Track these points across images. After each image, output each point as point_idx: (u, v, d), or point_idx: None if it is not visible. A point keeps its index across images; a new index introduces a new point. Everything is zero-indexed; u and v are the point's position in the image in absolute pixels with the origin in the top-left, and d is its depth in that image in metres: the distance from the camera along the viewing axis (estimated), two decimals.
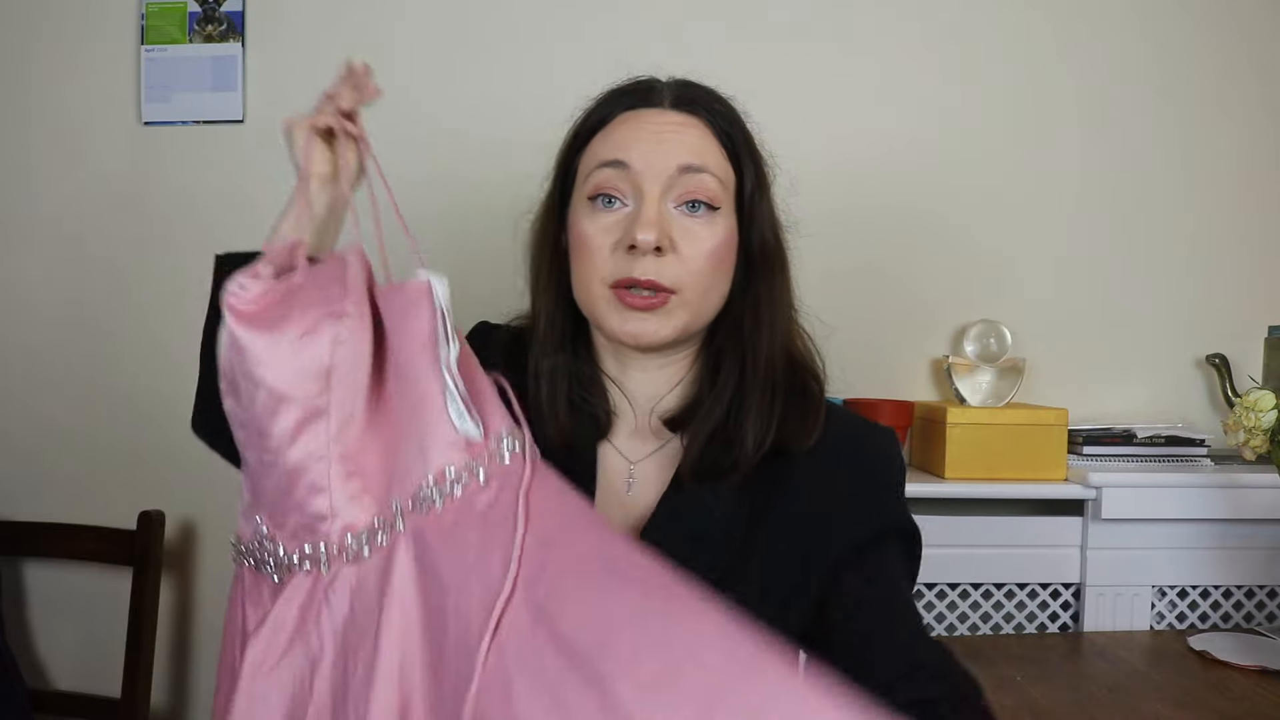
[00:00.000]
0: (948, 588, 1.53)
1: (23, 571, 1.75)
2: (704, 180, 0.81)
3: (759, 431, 0.82)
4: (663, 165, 0.80)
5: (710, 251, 0.81)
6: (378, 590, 0.63)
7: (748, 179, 0.85)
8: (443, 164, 1.71)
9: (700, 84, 0.87)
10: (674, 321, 0.82)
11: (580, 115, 0.88)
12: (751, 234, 0.85)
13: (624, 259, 0.80)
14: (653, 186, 0.80)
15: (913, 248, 1.72)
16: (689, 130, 0.83)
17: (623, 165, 0.81)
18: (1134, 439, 1.58)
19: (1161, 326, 1.73)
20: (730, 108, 0.87)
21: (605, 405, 0.88)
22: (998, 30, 1.72)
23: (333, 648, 0.64)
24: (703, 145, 0.82)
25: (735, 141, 0.85)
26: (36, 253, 1.74)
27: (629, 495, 0.86)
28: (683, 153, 0.81)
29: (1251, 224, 1.74)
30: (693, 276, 0.81)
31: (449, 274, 0.69)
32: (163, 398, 1.73)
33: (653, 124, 0.82)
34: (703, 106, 0.84)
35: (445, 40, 1.72)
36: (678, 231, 0.81)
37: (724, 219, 0.83)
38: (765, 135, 0.89)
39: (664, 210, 0.81)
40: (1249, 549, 1.51)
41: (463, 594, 0.59)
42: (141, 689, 1.56)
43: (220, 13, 1.71)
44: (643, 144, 0.81)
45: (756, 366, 0.84)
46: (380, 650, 0.60)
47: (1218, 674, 1.27)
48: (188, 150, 1.73)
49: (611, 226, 0.81)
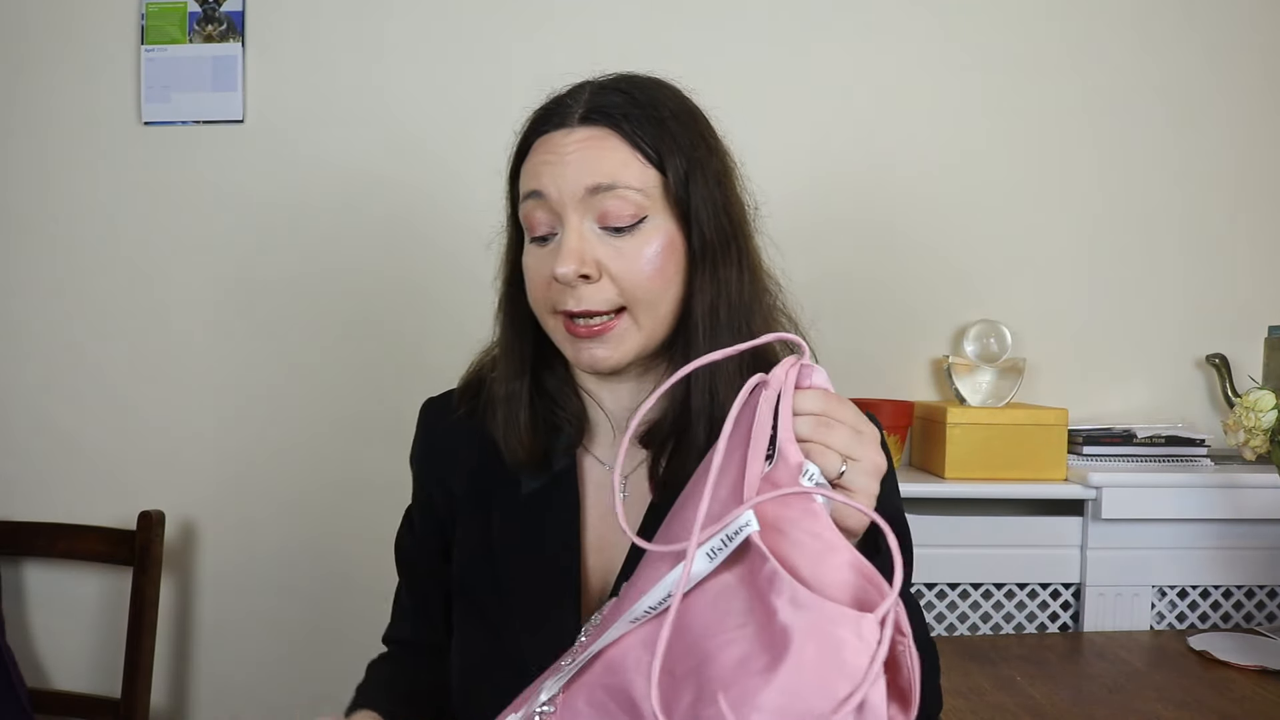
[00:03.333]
0: (948, 588, 1.53)
1: (23, 571, 1.75)
2: (617, 198, 0.78)
3: (703, 447, 0.79)
4: (571, 189, 0.78)
5: (645, 265, 0.78)
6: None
7: (672, 174, 0.80)
8: (444, 164, 1.71)
9: (621, 81, 0.83)
10: (627, 343, 0.80)
11: (515, 141, 0.86)
12: (692, 230, 0.81)
13: (558, 291, 0.79)
14: (569, 214, 0.78)
15: (913, 248, 1.72)
16: (596, 145, 0.79)
17: (539, 195, 0.79)
18: (1134, 439, 1.58)
19: (1161, 326, 1.73)
20: (654, 98, 0.82)
21: (579, 419, 0.87)
22: (998, 31, 1.72)
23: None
24: (611, 159, 0.78)
25: (652, 139, 0.80)
26: (36, 252, 1.74)
27: (620, 508, 0.86)
28: (588, 173, 0.78)
29: (1251, 224, 1.74)
30: (634, 294, 0.78)
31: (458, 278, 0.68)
32: (163, 398, 1.74)
33: (559, 147, 0.79)
34: (611, 114, 0.80)
35: (445, 40, 1.72)
36: (605, 253, 0.78)
37: (656, 224, 0.79)
38: (765, 136, 0.87)
39: (585, 235, 0.78)
40: (1249, 549, 1.51)
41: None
42: (141, 689, 1.56)
43: (220, 13, 1.71)
44: (551, 169, 0.79)
45: (697, 376, 0.80)
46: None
47: (1218, 674, 1.27)
48: (188, 150, 1.73)
49: (545, 257, 0.80)
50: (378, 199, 1.72)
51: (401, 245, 1.72)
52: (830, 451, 0.62)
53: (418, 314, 1.71)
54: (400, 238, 1.72)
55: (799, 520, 0.58)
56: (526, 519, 0.86)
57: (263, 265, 1.73)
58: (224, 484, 1.73)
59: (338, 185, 1.72)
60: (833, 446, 0.62)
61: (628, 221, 0.78)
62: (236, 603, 1.73)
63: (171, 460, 1.73)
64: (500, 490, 0.88)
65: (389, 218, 1.72)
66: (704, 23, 1.70)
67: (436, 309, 1.70)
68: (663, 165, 0.80)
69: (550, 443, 0.87)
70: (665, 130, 0.81)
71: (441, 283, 1.69)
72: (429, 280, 1.70)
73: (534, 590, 0.84)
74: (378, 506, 1.34)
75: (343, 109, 1.72)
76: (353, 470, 1.71)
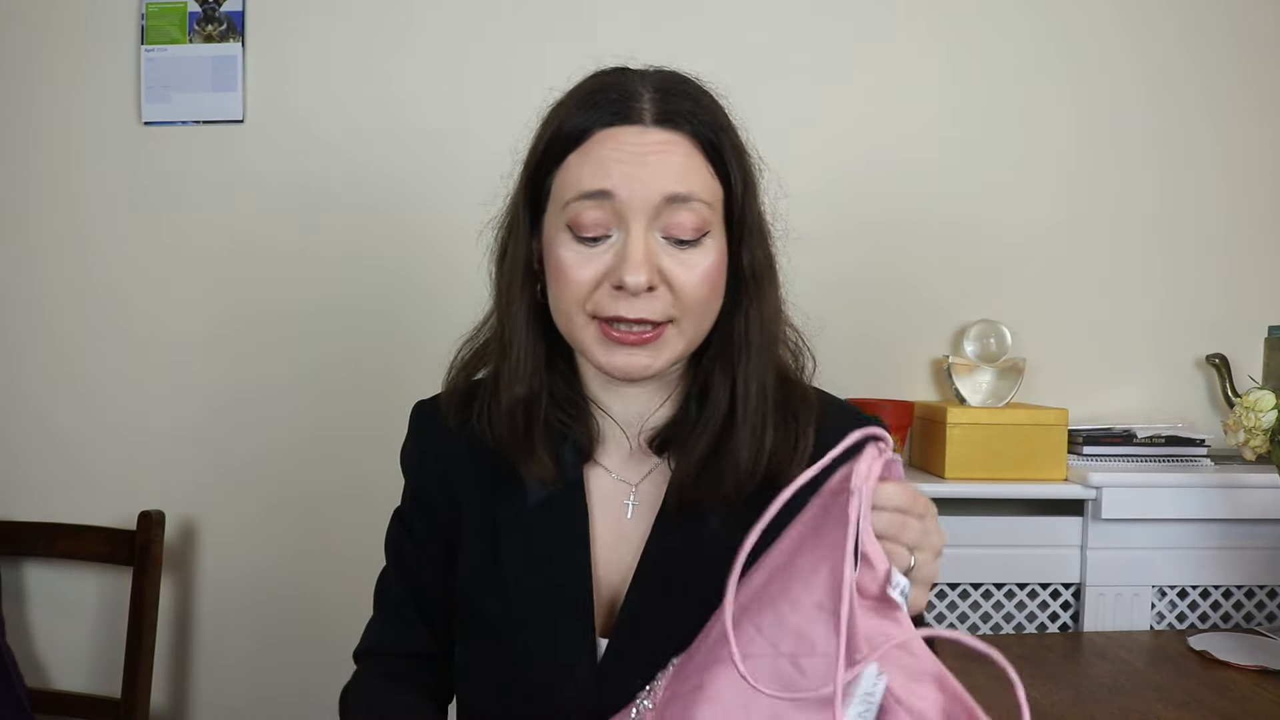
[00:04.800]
0: (948, 588, 1.53)
1: (23, 571, 1.75)
2: (691, 211, 0.75)
3: (749, 463, 0.79)
4: (647, 195, 0.74)
5: (702, 279, 0.77)
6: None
7: (735, 189, 0.79)
8: (446, 164, 1.71)
9: (680, 82, 0.80)
10: (668, 353, 0.78)
11: (549, 119, 0.81)
12: (742, 251, 0.80)
13: (611, 296, 0.76)
14: (638, 219, 0.75)
15: (913, 248, 1.72)
16: (673, 151, 0.76)
17: (606, 195, 0.74)
18: (1134, 439, 1.58)
19: (1161, 326, 1.73)
20: (714, 105, 0.80)
21: (588, 429, 0.84)
22: (998, 32, 1.72)
23: None
24: (688, 166, 0.76)
25: (721, 150, 0.78)
26: (36, 252, 1.74)
27: (629, 520, 0.84)
28: (668, 179, 0.75)
29: (1251, 224, 1.74)
30: (687, 307, 0.77)
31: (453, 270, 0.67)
32: (163, 398, 1.74)
33: (634, 146, 0.75)
34: (685, 117, 0.77)
35: (446, 40, 1.72)
36: (667, 263, 0.76)
37: (714, 240, 0.78)
38: (764, 138, 0.86)
39: (651, 243, 0.75)
40: (1249, 549, 1.51)
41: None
42: (141, 689, 1.55)
43: (220, 13, 1.71)
44: (625, 169, 0.74)
45: (748, 395, 0.80)
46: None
47: (1218, 674, 1.27)
48: (188, 150, 1.73)
49: (594, 258, 0.76)
50: (378, 199, 1.72)
51: (402, 245, 1.72)
52: (901, 548, 0.61)
53: (419, 314, 1.71)
54: (401, 238, 1.72)
55: (890, 632, 0.57)
56: (535, 531, 0.83)
57: (262, 265, 1.73)
58: (224, 484, 1.73)
59: (338, 185, 1.72)
60: (905, 542, 0.61)
61: (693, 235, 0.76)
62: (236, 603, 1.73)
63: (171, 460, 1.73)
64: (505, 500, 0.85)
65: (390, 218, 1.72)
66: (704, 23, 1.70)
67: (437, 309, 1.70)
68: (728, 179, 0.79)
69: (557, 452, 0.83)
70: (728, 142, 0.79)
71: (442, 283, 1.69)
72: (429, 280, 1.70)
73: (544, 604, 0.81)
74: (378, 506, 1.33)
75: (343, 109, 1.72)
76: (353, 470, 1.71)
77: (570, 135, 0.77)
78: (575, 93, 0.80)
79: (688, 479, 0.80)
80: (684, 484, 0.81)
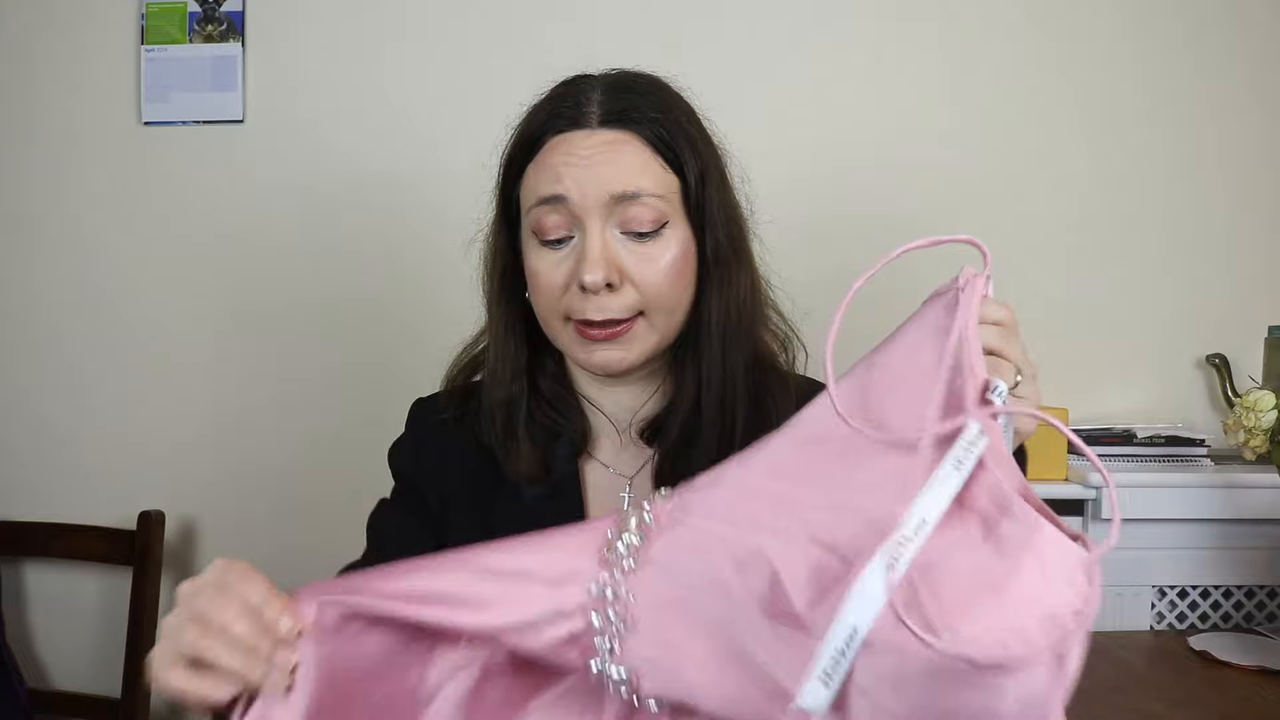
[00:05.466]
0: None
1: (23, 571, 1.75)
2: (642, 206, 0.78)
3: (718, 449, 0.80)
4: (597, 195, 0.77)
5: (663, 271, 0.79)
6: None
7: (691, 179, 0.81)
8: (446, 164, 1.71)
9: (631, 80, 0.83)
10: (640, 345, 0.80)
11: (513, 134, 0.84)
12: (706, 237, 0.82)
13: (580, 299, 0.78)
14: (592, 219, 0.77)
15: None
16: (620, 150, 0.78)
17: (560, 199, 0.78)
18: (1134, 439, 1.58)
19: (1161, 326, 1.73)
20: (666, 99, 0.82)
21: (580, 424, 0.87)
22: (998, 32, 1.72)
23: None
24: (636, 164, 0.78)
25: (672, 143, 0.80)
26: (36, 252, 1.74)
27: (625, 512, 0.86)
28: (615, 178, 0.77)
29: (1251, 224, 1.73)
30: (652, 299, 0.79)
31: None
32: (164, 397, 1.74)
33: (582, 149, 0.78)
34: (633, 116, 0.79)
35: (445, 40, 1.72)
36: (627, 258, 0.78)
37: (675, 230, 0.80)
38: (759, 135, 0.86)
39: (608, 240, 0.78)
40: (1249, 549, 1.51)
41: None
42: (141, 689, 1.55)
43: (220, 13, 1.71)
44: (574, 172, 0.77)
45: (710, 380, 0.82)
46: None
47: (1218, 674, 1.27)
48: (188, 150, 1.73)
49: (560, 261, 0.79)
50: (378, 199, 1.72)
51: (403, 245, 1.72)
52: (1006, 363, 0.63)
53: (419, 313, 1.71)
54: (402, 238, 1.72)
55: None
56: (530, 525, 0.83)
57: (263, 265, 1.73)
58: (224, 484, 1.73)
59: (338, 185, 1.72)
60: (1011, 358, 0.63)
61: (650, 227, 0.78)
62: None
63: (171, 460, 1.73)
64: (499, 498, 0.86)
65: (390, 218, 1.72)
66: (701, 18, 1.70)
67: (438, 309, 1.70)
68: (682, 170, 0.80)
69: (550, 449, 0.86)
70: (682, 134, 0.81)
71: (443, 283, 1.69)
72: (430, 280, 1.70)
73: None
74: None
75: (343, 109, 1.72)
76: (353, 470, 1.70)
77: (526, 145, 0.82)
78: (534, 104, 0.84)
79: (665, 466, 0.83)
80: (662, 472, 0.83)
